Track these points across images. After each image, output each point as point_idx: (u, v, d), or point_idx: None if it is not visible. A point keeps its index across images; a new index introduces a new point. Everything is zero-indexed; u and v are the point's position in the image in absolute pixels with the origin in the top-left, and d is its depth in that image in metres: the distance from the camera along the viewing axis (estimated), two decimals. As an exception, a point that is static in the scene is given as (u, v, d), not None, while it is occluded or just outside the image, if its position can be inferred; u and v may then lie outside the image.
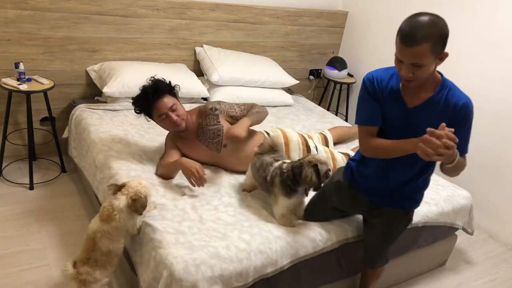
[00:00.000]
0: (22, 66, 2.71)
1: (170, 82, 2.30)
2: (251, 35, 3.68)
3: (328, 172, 1.88)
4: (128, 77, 2.93)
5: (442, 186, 2.53)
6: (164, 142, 2.45)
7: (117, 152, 2.40)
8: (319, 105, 3.90)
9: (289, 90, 3.84)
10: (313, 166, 1.85)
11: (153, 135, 2.69)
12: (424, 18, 1.41)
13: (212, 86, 3.33)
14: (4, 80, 2.71)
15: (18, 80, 2.71)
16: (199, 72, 3.46)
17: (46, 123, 3.11)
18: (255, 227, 1.92)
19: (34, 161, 3.09)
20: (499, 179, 2.99)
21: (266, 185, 2.02)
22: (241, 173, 2.36)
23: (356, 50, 4.08)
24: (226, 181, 2.29)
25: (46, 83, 2.80)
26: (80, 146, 2.74)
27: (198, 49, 3.46)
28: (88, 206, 2.74)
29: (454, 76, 3.22)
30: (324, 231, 1.98)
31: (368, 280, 2.13)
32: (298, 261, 1.89)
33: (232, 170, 2.39)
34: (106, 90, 2.88)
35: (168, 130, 2.33)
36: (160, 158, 2.37)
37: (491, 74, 2.99)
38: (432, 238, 2.42)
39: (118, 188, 1.86)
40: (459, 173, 1.59)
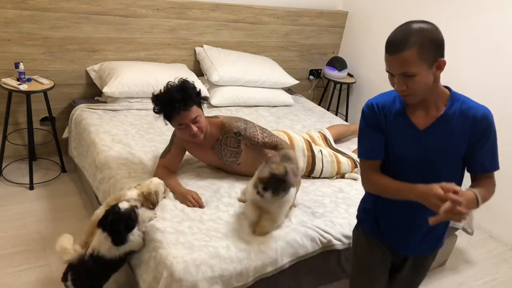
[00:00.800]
0: (22, 66, 2.71)
1: (199, 91, 2.12)
2: (251, 35, 3.68)
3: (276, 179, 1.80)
4: (128, 77, 2.93)
5: (442, 186, 2.53)
6: (169, 136, 2.31)
7: (117, 152, 2.40)
8: (319, 105, 3.90)
9: (289, 90, 3.84)
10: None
11: (153, 135, 2.69)
12: (409, 25, 1.30)
13: (212, 86, 3.32)
14: (4, 80, 2.71)
15: (18, 80, 2.71)
16: (199, 72, 3.46)
17: (46, 123, 3.11)
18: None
19: (34, 161, 3.09)
20: (499, 179, 2.99)
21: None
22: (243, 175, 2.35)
23: (356, 50, 4.08)
24: (226, 181, 2.29)
25: (46, 83, 2.80)
26: (80, 146, 2.74)
27: (198, 49, 3.46)
28: (88, 206, 2.74)
29: (454, 75, 3.22)
30: (324, 231, 1.98)
31: None
32: (297, 260, 1.89)
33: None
34: (106, 90, 2.88)
35: (183, 138, 2.17)
36: (163, 152, 2.28)
37: (492, 73, 2.99)
38: (432, 238, 2.41)
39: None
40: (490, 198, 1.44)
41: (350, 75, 4.04)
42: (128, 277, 2.17)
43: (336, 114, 3.97)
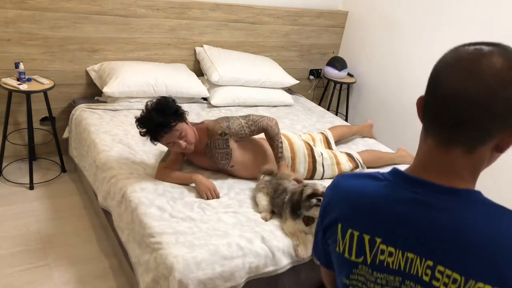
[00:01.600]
0: (22, 66, 2.71)
1: (178, 108, 2.14)
2: (251, 35, 3.68)
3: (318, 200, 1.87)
4: (128, 77, 2.93)
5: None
6: None
7: (117, 152, 2.40)
8: (319, 105, 3.90)
9: (289, 90, 3.84)
10: (308, 196, 1.88)
11: (153, 135, 2.68)
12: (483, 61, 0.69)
13: (212, 86, 3.32)
14: (4, 80, 2.71)
15: (18, 80, 2.71)
16: (199, 72, 3.46)
17: (46, 123, 3.11)
18: (256, 227, 1.92)
19: (34, 161, 3.08)
20: (499, 179, 2.99)
21: (280, 208, 2.03)
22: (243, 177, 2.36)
23: (356, 50, 4.08)
24: (226, 182, 2.29)
25: (46, 83, 2.80)
26: (80, 146, 2.74)
27: (198, 49, 3.46)
28: (88, 206, 2.74)
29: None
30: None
31: None
32: (298, 262, 1.89)
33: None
34: (106, 90, 2.88)
35: (176, 151, 2.24)
36: (163, 156, 2.33)
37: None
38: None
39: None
40: None
41: (350, 75, 4.04)
42: (128, 277, 2.17)
43: (336, 114, 3.96)
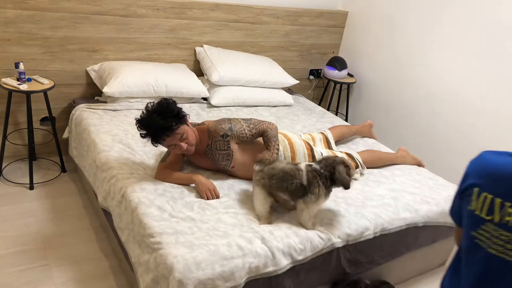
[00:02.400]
0: (22, 66, 2.71)
1: (179, 110, 2.11)
2: (251, 35, 3.68)
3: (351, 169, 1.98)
4: (128, 77, 2.93)
5: (443, 186, 2.53)
6: None
7: (117, 152, 2.40)
8: (319, 105, 3.91)
9: (289, 90, 3.84)
10: (342, 163, 1.94)
11: (153, 135, 2.68)
12: None
13: (212, 86, 3.33)
14: (4, 80, 2.71)
15: (18, 80, 2.71)
16: (199, 72, 3.46)
17: (46, 123, 3.11)
18: (256, 227, 1.92)
19: (34, 161, 3.09)
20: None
21: (298, 192, 1.94)
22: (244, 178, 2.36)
23: (356, 50, 4.08)
24: (226, 182, 2.29)
25: (46, 83, 2.80)
26: (80, 146, 2.74)
27: (198, 49, 3.46)
28: (88, 206, 2.74)
29: (454, 76, 3.22)
30: (324, 232, 1.98)
31: None
32: (298, 262, 1.89)
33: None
34: (106, 90, 2.88)
35: (177, 153, 2.23)
36: (163, 157, 2.32)
37: (492, 73, 2.99)
38: (432, 238, 2.42)
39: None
40: None
41: (350, 75, 4.04)
42: (128, 277, 2.17)
43: (336, 114, 3.97)
